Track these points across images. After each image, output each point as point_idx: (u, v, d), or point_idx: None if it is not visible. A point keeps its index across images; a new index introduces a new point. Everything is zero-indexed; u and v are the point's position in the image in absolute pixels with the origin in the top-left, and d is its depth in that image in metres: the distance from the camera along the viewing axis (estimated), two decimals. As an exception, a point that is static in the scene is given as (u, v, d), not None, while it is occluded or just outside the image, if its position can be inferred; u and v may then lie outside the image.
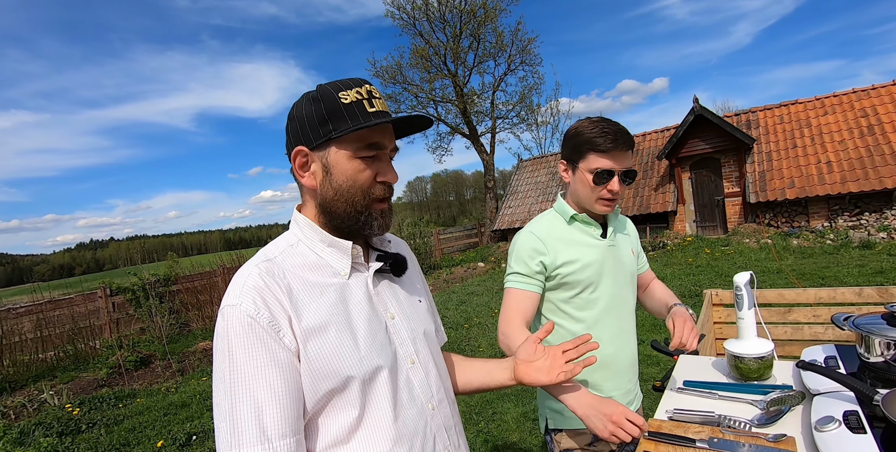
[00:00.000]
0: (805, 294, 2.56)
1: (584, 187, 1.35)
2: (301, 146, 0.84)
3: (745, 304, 1.45)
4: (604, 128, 1.30)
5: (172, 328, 7.91)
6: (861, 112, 10.12)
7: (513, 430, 3.18)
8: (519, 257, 1.39)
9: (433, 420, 0.90)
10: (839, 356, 1.39)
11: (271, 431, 0.71)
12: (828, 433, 1.02)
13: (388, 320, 0.90)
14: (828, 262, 7.19)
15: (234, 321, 0.74)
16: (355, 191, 0.84)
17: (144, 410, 4.52)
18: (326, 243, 0.87)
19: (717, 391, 1.40)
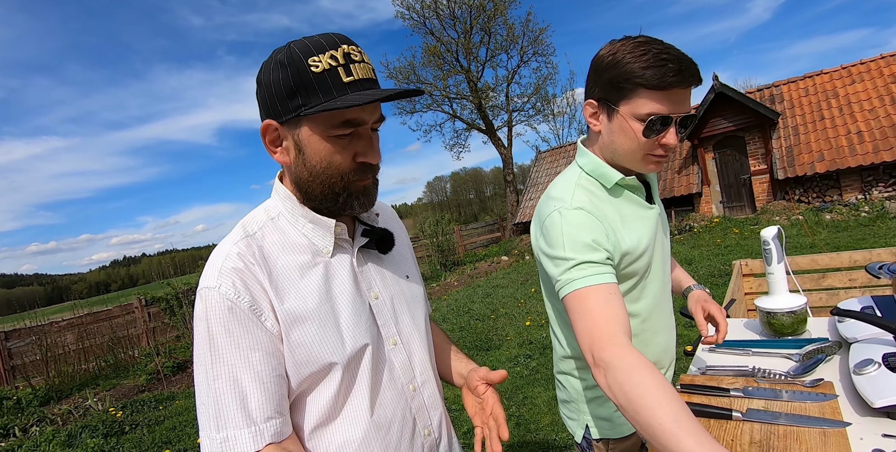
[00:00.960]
0: (839, 258, 2.47)
1: (628, 138, 0.96)
2: (270, 120, 0.74)
3: (775, 258, 1.40)
4: (659, 54, 0.88)
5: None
6: (891, 78, 9.69)
7: (545, 413, 3.15)
8: (577, 242, 0.92)
9: (414, 401, 0.87)
10: (876, 306, 1.33)
11: (256, 414, 0.69)
12: (867, 375, 0.98)
13: (372, 300, 0.85)
14: (864, 234, 6.92)
15: (214, 304, 0.70)
16: (331, 173, 0.75)
17: (183, 410, 4.65)
18: (308, 219, 0.80)
19: (750, 347, 1.36)
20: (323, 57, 0.69)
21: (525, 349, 4.64)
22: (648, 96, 0.90)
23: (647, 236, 1.03)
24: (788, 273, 1.43)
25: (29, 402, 5.82)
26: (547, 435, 2.85)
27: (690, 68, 0.90)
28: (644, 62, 0.88)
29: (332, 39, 0.71)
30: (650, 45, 0.90)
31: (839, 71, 10.64)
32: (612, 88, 0.94)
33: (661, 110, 0.91)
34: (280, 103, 0.71)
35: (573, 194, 1.00)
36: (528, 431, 2.96)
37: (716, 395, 1.06)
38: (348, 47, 0.71)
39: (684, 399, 1.00)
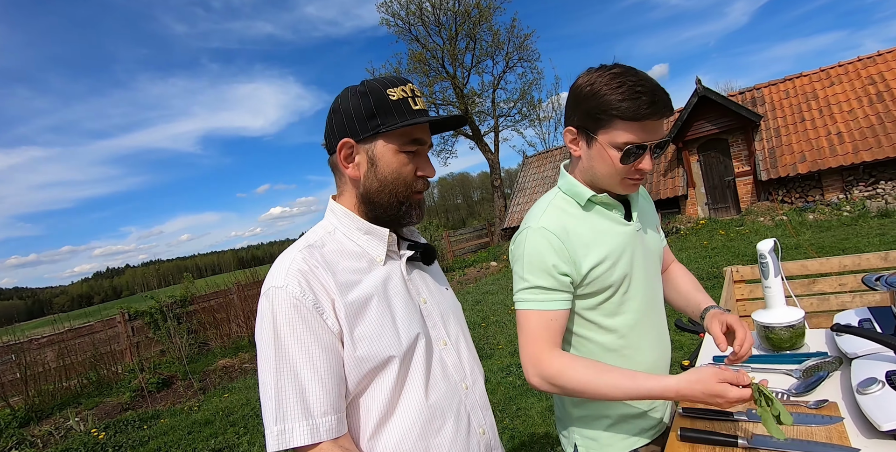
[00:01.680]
0: (829, 263, 2.47)
1: (606, 164, 1.01)
2: (347, 138, 0.86)
3: (772, 272, 1.38)
4: (635, 86, 0.93)
5: (192, 347, 7.93)
6: (868, 80, 9.90)
7: (538, 425, 3.11)
8: (533, 266, 1.02)
9: (467, 398, 0.93)
10: (874, 319, 1.32)
11: (314, 408, 0.73)
12: (871, 394, 0.95)
13: (422, 304, 0.94)
14: (846, 233, 7.01)
15: (280, 302, 0.76)
16: (399, 183, 0.88)
17: (169, 430, 4.52)
18: (363, 230, 0.90)
19: (749, 363, 1.34)
20: (396, 90, 0.86)
21: (517, 358, 4.59)
22: (624, 127, 0.96)
23: (616, 251, 1.07)
24: (789, 296, 1.40)
25: (8, 423, 5.61)
26: (542, 449, 2.80)
27: (663, 100, 0.95)
28: (620, 95, 0.94)
29: (401, 79, 0.89)
30: (625, 77, 0.95)
31: (818, 73, 10.84)
32: (590, 117, 1.00)
33: (636, 140, 0.97)
34: (359, 123, 0.85)
35: (543, 214, 1.08)
36: (522, 444, 2.91)
37: (719, 420, 1.02)
38: (412, 86, 0.89)
39: (687, 425, 0.98)
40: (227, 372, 6.59)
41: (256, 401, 4.86)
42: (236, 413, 4.63)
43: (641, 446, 1.15)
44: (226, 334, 8.46)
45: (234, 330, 8.57)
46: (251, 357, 7.26)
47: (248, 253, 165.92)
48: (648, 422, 1.16)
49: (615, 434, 1.13)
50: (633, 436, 1.14)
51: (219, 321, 8.75)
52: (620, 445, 1.14)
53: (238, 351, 7.71)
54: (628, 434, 1.14)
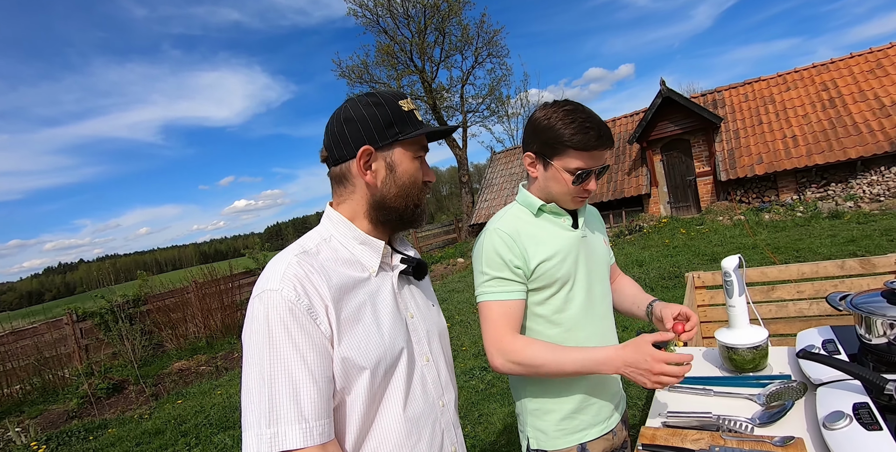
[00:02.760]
0: (787, 270, 2.50)
1: (559, 184, 1.21)
2: (367, 146, 0.88)
3: (736, 291, 1.34)
4: (584, 122, 1.14)
5: (145, 349, 7.57)
6: (822, 86, 10.30)
7: (500, 432, 3.06)
8: (491, 261, 1.20)
9: (443, 416, 0.96)
10: (837, 339, 1.29)
11: (308, 411, 0.72)
12: (839, 431, 0.91)
13: (408, 318, 0.95)
14: (800, 234, 7.28)
15: (276, 305, 0.76)
16: (415, 187, 0.93)
17: (116, 441, 4.27)
18: (359, 240, 0.92)
19: (711, 386, 1.30)
20: (405, 101, 0.93)
21: (481, 360, 4.55)
22: (576, 155, 1.17)
23: (563, 250, 1.24)
24: (754, 318, 1.36)
25: (-63, 436, 5.21)
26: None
27: (606, 134, 1.17)
28: (572, 129, 1.14)
29: (402, 93, 0.96)
30: (576, 113, 1.16)
31: (775, 78, 11.21)
32: (547, 146, 1.19)
33: (585, 166, 1.18)
34: (377, 132, 0.88)
35: (500, 220, 1.27)
36: (483, 451, 2.85)
37: (681, 457, 0.96)
38: (411, 99, 0.95)
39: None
40: (183, 376, 6.31)
41: (210, 408, 4.64)
42: (188, 422, 4.40)
43: (587, 441, 1.24)
44: (182, 335, 8.12)
45: (190, 331, 8.23)
46: (208, 359, 6.99)
47: (211, 247, 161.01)
48: (595, 419, 1.26)
49: (563, 428, 1.25)
50: (580, 432, 1.25)
51: (174, 321, 8.38)
52: (568, 439, 1.24)
53: (195, 353, 7.41)
54: (575, 429, 1.25)
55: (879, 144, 8.71)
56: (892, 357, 1.14)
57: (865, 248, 5.67)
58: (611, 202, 12.18)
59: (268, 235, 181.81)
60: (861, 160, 8.91)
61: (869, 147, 8.77)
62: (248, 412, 0.73)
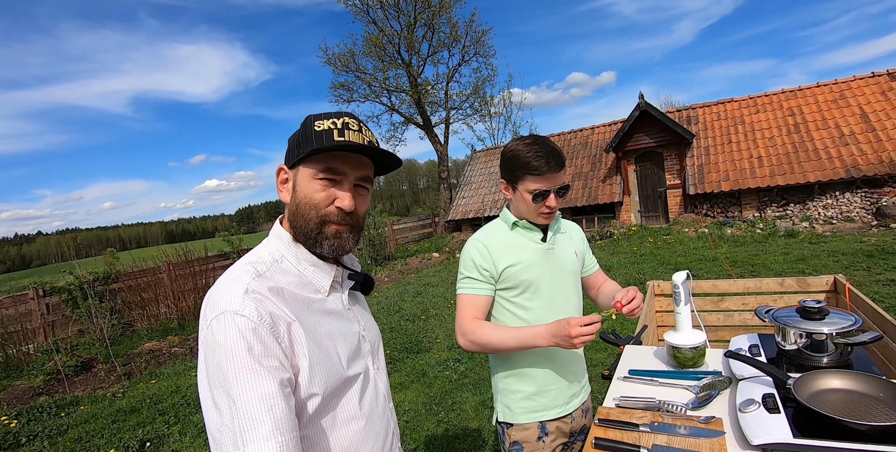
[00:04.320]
0: (735, 284, 2.81)
1: (524, 204, 1.48)
2: (282, 164, 0.95)
3: (683, 300, 1.60)
4: (538, 151, 1.40)
5: (115, 328, 7.54)
6: (788, 111, 10.91)
7: (472, 419, 3.30)
8: (466, 264, 1.52)
9: (391, 417, 1.06)
10: (761, 345, 1.57)
11: (283, 424, 0.74)
12: (749, 413, 1.16)
13: (362, 331, 1.01)
14: (757, 250, 7.77)
15: (238, 325, 0.76)
16: (310, 208, 0.91)
17: (90, 418, 4.32)
18: (310, 262, 0.94)
19: (657, 378, 1.55)
20: (325, 122, 0.91)
21: (454, 352, 4.79)
22: (532, 179, 1.43)
23: (528, 259, 1.50)
24: (696, 318, 1.62)
25: None
26: (475, 441, 2.99)
27: (556, 159, 1.41)
28: (527, 158, 1.41)
29: (339, 114, 0.94)
30: (533, 145, 1.42)
31: (747, 100, 11.79)
32: (512, 174, 1.47)
33: (541, 187, 1.43)
34: (291, 152, 0.93)
35: (484, 232, 1.57)
36: (455, 438, 3.09)
37: (627, 430, 1.21)
38: (349, 119, 0.93)
39: (601, 434, 1.16)
40: (155, 356, 6.35)
41: (187, 389, 4.75)
42: (165, 401, 4.48)
43: (547, 420, 1.53)
44: (153, 315, 8.10)
45: (162, 311, 8.22)
46: (181, 341, 7.03)
47: (179, 227, 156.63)
48: (553, 402, 1.54)
49: (526, 406, 1.53)
50: (539, 411, 1.53)
51: (146, 301, 8.34)
52: (529, 416, 1.52)
53: (166, 334, 7.43)
54: (535, 408, 1.53)
55: (836, 170, 9.33)
56: (800, 361, 1.41)
57: (813, 267, 6.15)
58: (584, 208, 12.61)
59: (239, 217, 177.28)
60: (819, 184, 9.53)
61: (826, 173, 9.38)
62: (219, 433, 0.74)
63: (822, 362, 1.39)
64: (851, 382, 1.21)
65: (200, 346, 0.80)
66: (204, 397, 0.78)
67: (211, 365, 0.76)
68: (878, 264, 5.85)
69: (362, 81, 17.96)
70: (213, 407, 0.75)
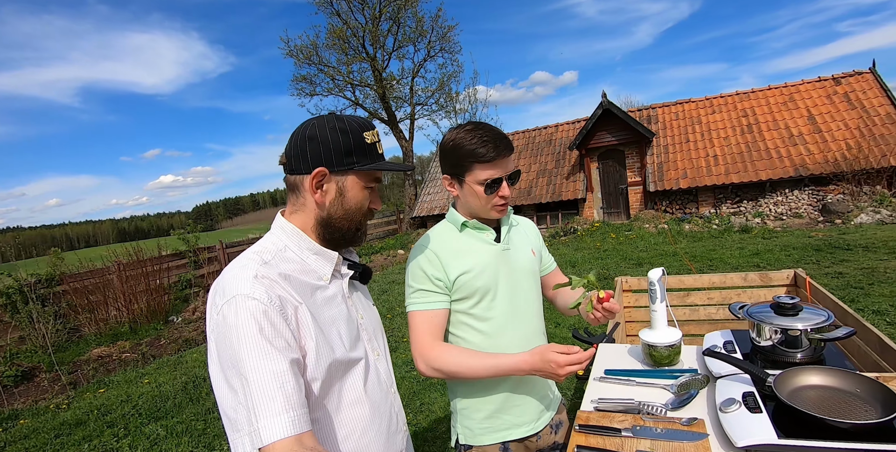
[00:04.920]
0: (701, 279, 2.85)
1: (476, 198, 1.30)
2: (322, 167, 0.95)
3: (658, 298, 1.57)
4: (483, 137, 1.24)
5: (60, 334, 7.07)
6: (742, 112, 11.36)
7: (441, 420, 3.23)
8: (415, 275, 1.32)
9: (395, 401, 1.11)
10: (735, 341, 1.56)
11: (294, 400, 0.77)
12: (730, 414, 1.14)
13: (360, 319, 1.06)
14: (714, 245, 8.04)
15: (249, 307, 0.80)
16: (359, 213, 1.01)
17: (31, 433, 3.99)
18: (313, 251, 0.99)
19: (634, 377, 1.52)
20: (370, 134, 0.99)
21: (422, 352, 4.71)
22: (481, 168, 1.26)
23: (482, 263, 1.34)
24: (671, 318, 1.60)
25: None
26: (444, 443, 2.93)
27: (504, 143, 1.26)
28: (473, 145, 1.24)
29: (371, 123, 1.02)
30: (475, 131, 1.26)
31: (703, 101, 12.20)
32: (456, 166, 1.29)
33: (493, 175, 1.26)
34: (336, 157, 0.95)
35: (427, 238, 1.38)
36: (425, 440, 3.02)
37: (609, 435, 1.16)
38: (377, 130, 1.03)
39: (582, 441, 1.10)
40: (104, 363, 5.98)
41: (138, 397, 4.47)
42: (114, 412, 4.19)
43: (510, 441, 1.38)
44: (102, 319, 7.64)
45: (112, 315, 7.76)
46: (132, 346, 6.66)
47: (132, 224, 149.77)
48: (519, 419, 1.39)
49: (488, 427, 1.38)
50: (503, 431, 1.38)
51: (94, 304, 7.86)
52: (491, 436, 1.38)
53: (116, 339, 7.02)
54: (499, 428, 1.38)
55: (786, 169, 9.77)
56: (775, 357, 1.41)
57: (766, 260, 6.40)
58: (549, 204, 12.76)
59: (196, 214, 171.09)
60: (770, 182, 9.96)
61: (777, 171, 9.82)
62: (234, 411, 0.77)
63: (796, 357, 1.38)
64: (829, 378, 1.20)
65: (210, 333, 0.84)
66: (216, 379, 0.81)
67: (223, 347, 0.80)
68: (826, 258, 6.15)
69: (325, 75, 17.56)
70: (226, 388, 0.79)
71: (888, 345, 1.54)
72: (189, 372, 5.03)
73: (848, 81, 10.69)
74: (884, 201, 8.79)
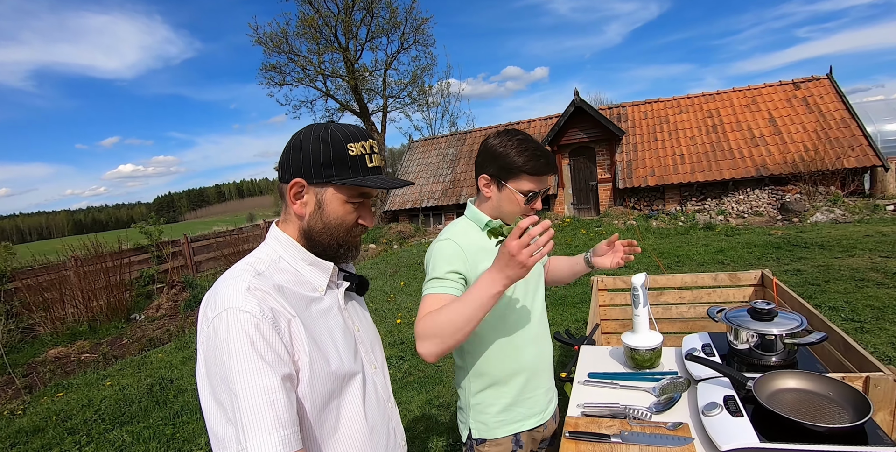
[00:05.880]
0: (673, 279, 2.93)
1: (511, 204, 1.37)
2: (299, 178, 0.92)
3: (641, 303, 1.60)
4: (535, 151, 1.34)
5: (12, 334, 6.71)
6: (708, 113, 11.70)
7: (419, 419, 3.24)
8: (437, 265, 1.33)
9: (392, 415, 1.07)
10: (713, 344, 1.61)
11: (284, 418, 0.75)
12: (713, 418, 1.17)
13: (356, 331, 1.03)
14: (680, 242, 8.29)
15: (241, 321, 0.78)
16: (341, 229, 0.96)
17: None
18: (308, 261, 0.97)
19: (617, 380, 1.55)
20: (356, 145, 0.93)
21: (397, 349, 4.69)
22: (528, 179, 1.34)
23: None
24: (652, 325, 1.63)
25: None
26: (423, 442, 2.93)
27: (553, 162, 1.37)
28: (526, 157, 1.32)
29: (363, 133, 0.96)
30: (528, 143, 1.35)
31: (671, 101, 12.51)
32: (503, 170, 1.35)
33: (534, 188, 1.36)
34: (314, 168, 0.91)
35: (454, 232, 1.40)
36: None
37: (598, 442, 1.18)
38: (373, 143, 0.97)
39: (572, 448, 1.12)
40: (61, 365, 5.72)
41: (101, 401, 4.29)
42: (75, 417, 4.01)
43: (522, 431, 1.46)
44: (59, 317, 7.29)
45: (69, 313, 7.41)
46: (92, 346, 6.39)
47: (88, 216, 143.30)
48: (531, 411, 1.48)
49: (503, 419, 1.45)
50: (516, 423, 1.45)
51: (49, 301, 7.48)
52: (505, 429, 1.44)
53: (75, 339, 6.72)
54: (513, 420, 1.45)
55: (748, 169, 10.15)
56: (751, 360, 1.46)
57: (730, 257, 6.64)
58: (521, 201, 12.89)
59: (158, 205, 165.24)
60: (732, 181, 10.32)
61: (739, 171, 10.18)
62: (221, 429, 0.75)
63: (771, 360, 1.44)
64: (805, 382, 1.25)
65: (200, 345, 0.81)
66: (204, 394, 0.79)
67: (212, 362, 0.78)
68: (786, 256, 6.43)
69: (296, 64, 17.17)
70: (214, 404, 0.77)
71: (851, 345, 1.62)
72: (154, 373, 4.86)
73: (807, 86, 11.15)
74: (837, 201, 9.25)
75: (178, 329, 6.68)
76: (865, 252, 6.06)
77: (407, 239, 13.30)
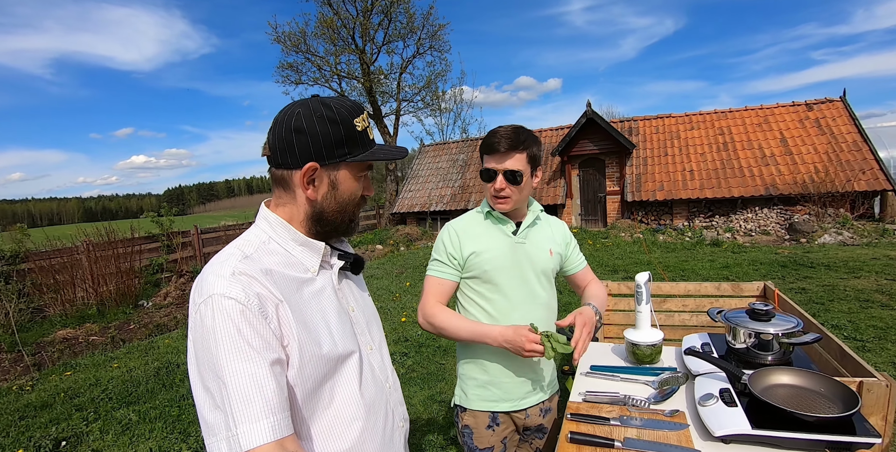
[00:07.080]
0: (677, 287, 2.98)
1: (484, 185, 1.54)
2: (313, 162, 0.89)
3: (644, 299, 1.67)
4: (495, 131, 1.46)
5: (23, 313, 6.84)
6: (719, 130, 11.76)
7: (421, 413, 3.29)
8: (438, 248, 1.58)
9: (391, 396, 1.06)
10: (711, 343, 1.67)
11: (274, 404, 0.74)
12: (708, 407, 1.24)
13: (350, 312, 1.01)
14: (686, 256, 8.32)
15: (226, 308, 0.77)
16: (354, 204, 0.97)
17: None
18: (298, 242, 0.94)
19: (618, 373, 1.62)
20: (359, 120, 0.93)
21: (401, 346, 4.76)
22: (486, 159, 1.49)
23: (494, 249, 1.52)
24: (654, 321, 1.70)
25: None
26: (423, 436, 2.99)
27: (506, 139, 1.42)
28: (487, 137, 1.47)
29: (359, 104, 0.97)
30: (498, 128, 1.47)
31: (683, 117, 12.58)
32: (480, 156, 1.52)
33: (489, 166, 1.46)
34: (327, 150, 0.89)
35: (458, 219, 1.62)
36: (402, 431, 3.06)
37: (598, 423, 1.25)
38: (367, 114, 0.97)
39: (573, 428, 1.18)
40: (70, 345, 5.83)
41: (108, 381, 4.38)
42: (83, 395, 4.10)
43: (499, 411, 1.55)
44: (69, 300, 7.42)
45: (79, 296, 7.54)
46: (100, 329, 6.50)
47: (99, 204, 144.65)
48: (506, 395, 1.56)
49: (479, 394, 1.57)
50: (491, 401, 1.56)
51: (60, 284, 7.61)
52: (482, 404, 1.56)
53: (83, 321, 6.84)
54: (488, 398, 1.56)
55: (757, 187, 10.18)
56: (748, 358, 1.52)
57: (735, 273, 6.67)
58: (529, 209, 12.96)
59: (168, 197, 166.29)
60: (741, 199, 10.35)
61: (749, 189, 10.22)
62: (211, 415, 0.74)
63: (767, 359, 1.50)
64: (797, 378, 1.31)
65: (189, 332, 0.79)
66: (194, 381, 0.78)
67: (200, 349, 0.77)
68: (791, 274, 6.45)
69: (312, 64, 17.40)
70: (202, 391, 0.76)
71: (846, 352, 1.68)
72: (161, 358, 4.96)
73: (819, 108, 11.19)
74: (846, 224, 9.25)
75: (185, 317, 6.78)
76: (872, 274, 6.07)
77: (414, 242, 13.38)
